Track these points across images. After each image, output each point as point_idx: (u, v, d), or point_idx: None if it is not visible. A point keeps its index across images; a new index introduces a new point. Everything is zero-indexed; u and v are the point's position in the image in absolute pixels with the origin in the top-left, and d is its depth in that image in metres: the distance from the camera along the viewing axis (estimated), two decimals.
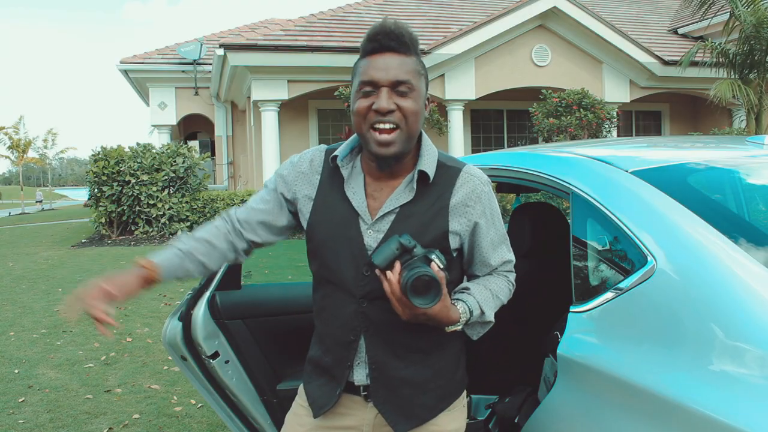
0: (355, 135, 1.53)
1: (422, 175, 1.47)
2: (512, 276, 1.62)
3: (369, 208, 1.49)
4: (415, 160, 1.50)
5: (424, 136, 1.54)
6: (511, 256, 1.61)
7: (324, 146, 1.61)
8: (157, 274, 1.53)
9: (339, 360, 1.51)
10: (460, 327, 1.46)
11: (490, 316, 1.51)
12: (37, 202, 40.14)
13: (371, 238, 1.46)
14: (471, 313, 1.47)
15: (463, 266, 1.59)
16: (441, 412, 1.52)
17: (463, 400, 1.59)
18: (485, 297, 1.51)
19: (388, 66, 1.41)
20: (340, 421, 1.53)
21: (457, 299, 1.48)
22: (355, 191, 1.50)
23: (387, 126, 1.40)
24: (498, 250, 1.56)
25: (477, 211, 1.50)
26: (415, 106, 1.43)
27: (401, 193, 1.48)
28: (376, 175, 1.51)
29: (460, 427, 1.58)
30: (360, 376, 1.50)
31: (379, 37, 1.43)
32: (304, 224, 1.55)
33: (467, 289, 1.52)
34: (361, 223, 1.48)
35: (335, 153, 1.52)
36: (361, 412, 1.52)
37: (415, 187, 1.47)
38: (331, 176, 1.54)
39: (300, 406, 1.60)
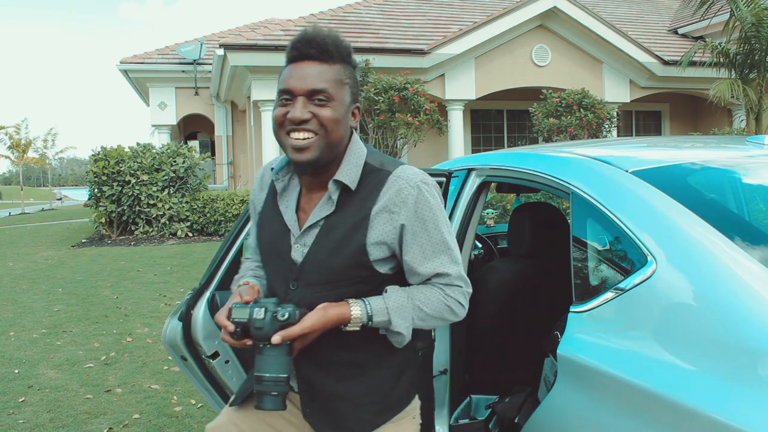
0: None
1: (344, 184, 1.42)
2: (453, 291, 1.44)
3: (299, 222, 1.47)
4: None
5: (354, 140, 1.48)
6: (452, 270, 1.43)
7: (277, 158, 1.59)
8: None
9: None
10: (357, 328, 1.39)
11: (399, 327, 1.39)
12: (57, 199, 40.43)
13: (297, 252, 1.45)
14: (370, 317, 1.38)
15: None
16: (380, 426, 1.47)
17: (412, 411, 1.53)
18: (399, 304, 1.39)
19: (306, 75, 1.38)
20: (285, 415, 1.55)
21: (362, 299, 1.40)
22: (288, 204, 1.49)
23: (302, 135, 1.38)
24: (431, 260, 1.41)
25: (402, 216, 1.39)
26: (334, 114, 1.38)
27: (323, 205, 1.44)
28: (309, 187, 1.48)
29: None
30: (294, 383, 1.51)
31: (299, 45, 1.39)
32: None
33: (385, 290, 1.42)
34: (291, 237, 1.46)
35: (272, 166, 1.51)
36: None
37: (334, 199, 1.42)
38: (274, 190, 1.53)
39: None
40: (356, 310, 1.38)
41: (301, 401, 1.50)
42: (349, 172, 1.43)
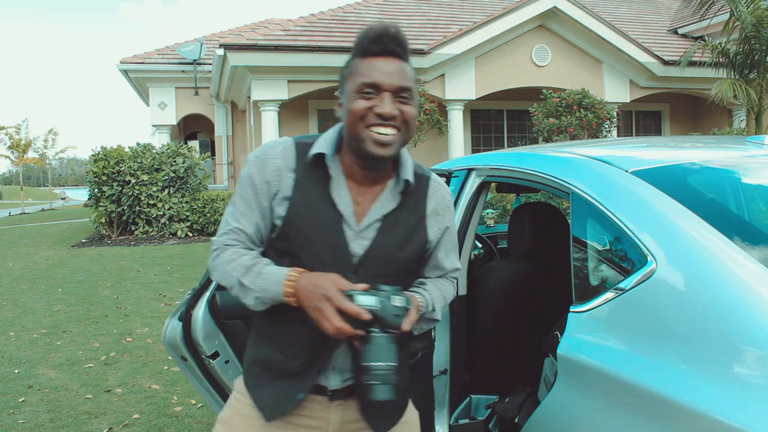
0: (333, 132, 1.48)
1: (408, 182, 1.48)
2: (457, 282, 1.68)
3: (355, 214, 1.45)
4: (393, 167, 1.49)
5: None
6: (459, 265, 1.67)
7: (289, 139, 1.51)
8: None
9: (308, 364, 1.45)
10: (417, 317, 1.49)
11: (438, 315, 1.56)
12: (61, 198, 40.40)
13: (358, 245, 1.43)
14: (426, 306, 1.50)
15: None
16: (405, 409, 1.58)
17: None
18: (436, 295, 1.55)
19: (393, 71, 1.39)
20: (301, 421, 1.48)
21: (416, 291, 1.51)
22: (340, 194, 1.45)
23: (389, 131, 1.38)
24: (451, 256, 1.62)
25: (446, 219, 1.57)
26: (415, 112, 1.43)
27: (387, 200, 1.47)
28: (359, 180, 1.46)
29: (416, 414, 1.64)
30: (335, 381, 1.46)
31: (386, 41, 1.39)
32: (278, 222, 1.45)
33: (423, 284, 1.56)
34: (346, 228, 1.43)
35: (318, 150, 1.44)
36: (326, 413, 1.48)
37: (400, 195, 1.47)
38: (309, 174, 1.45)
39: (247, 405, 1.50)
40: (421, 300, 1.48)
41: (359, 396, 1.46)
42: (410, 172, 1.49)
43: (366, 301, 1.33)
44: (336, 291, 1.33)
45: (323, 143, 1.46)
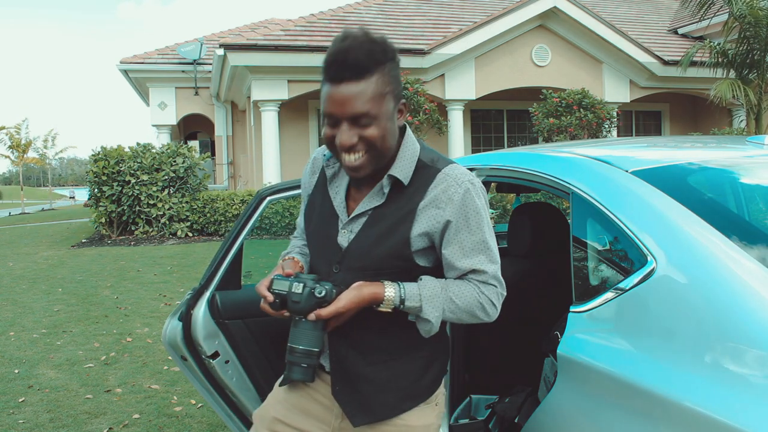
0: None
1: (397, 179, 1.46)
2: (488, 289, 1.45)
3: (348, 209, 1.53)
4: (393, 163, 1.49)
5: (408, 136, 1.50)
6: (488, 269, 1.45)
7: None
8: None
9: None
10: (389, 310, 1.41)
11: (429, 315, 1.41)
12: (70, 197, 40.33)
13: (343, 237, 1.50)
14: (402, 300, 1.40)
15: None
16: (404, 412, 1.50)
17: (435, 398, 1.56)
18: (433, 294, 1.42)
19: (345, 100, 1.35)
20: (314, 395, 1.59)
21: (398, 282, 1.43)
22: (338, 191, 1.55)
23: (354, 156, 1.40)
24: (470, 257, 1.43)
25: (448, 212, 1.42)
26: (379, 132, 1.38)
27: (373, 196, 1.48)
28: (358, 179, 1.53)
29: (430, 424, 1.54)
30: (326, 363, 1.56)
31: (334, 68, 1.35)
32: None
33: (420, 279, 1.45)
34: (339, 222, 1.52)
35: (327, 153, 1.56)
36: (329, 392, 1.57)
37: (386, 192, 1.46)
38: (324, 176, 1.60)
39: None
40: (390, 291, 1.41)
41: (332, 379, 1.54)
42: (403, 168, 1.46)
43: (276, 286, 1.44)
44: (270, 276, 1.46)
45: None
